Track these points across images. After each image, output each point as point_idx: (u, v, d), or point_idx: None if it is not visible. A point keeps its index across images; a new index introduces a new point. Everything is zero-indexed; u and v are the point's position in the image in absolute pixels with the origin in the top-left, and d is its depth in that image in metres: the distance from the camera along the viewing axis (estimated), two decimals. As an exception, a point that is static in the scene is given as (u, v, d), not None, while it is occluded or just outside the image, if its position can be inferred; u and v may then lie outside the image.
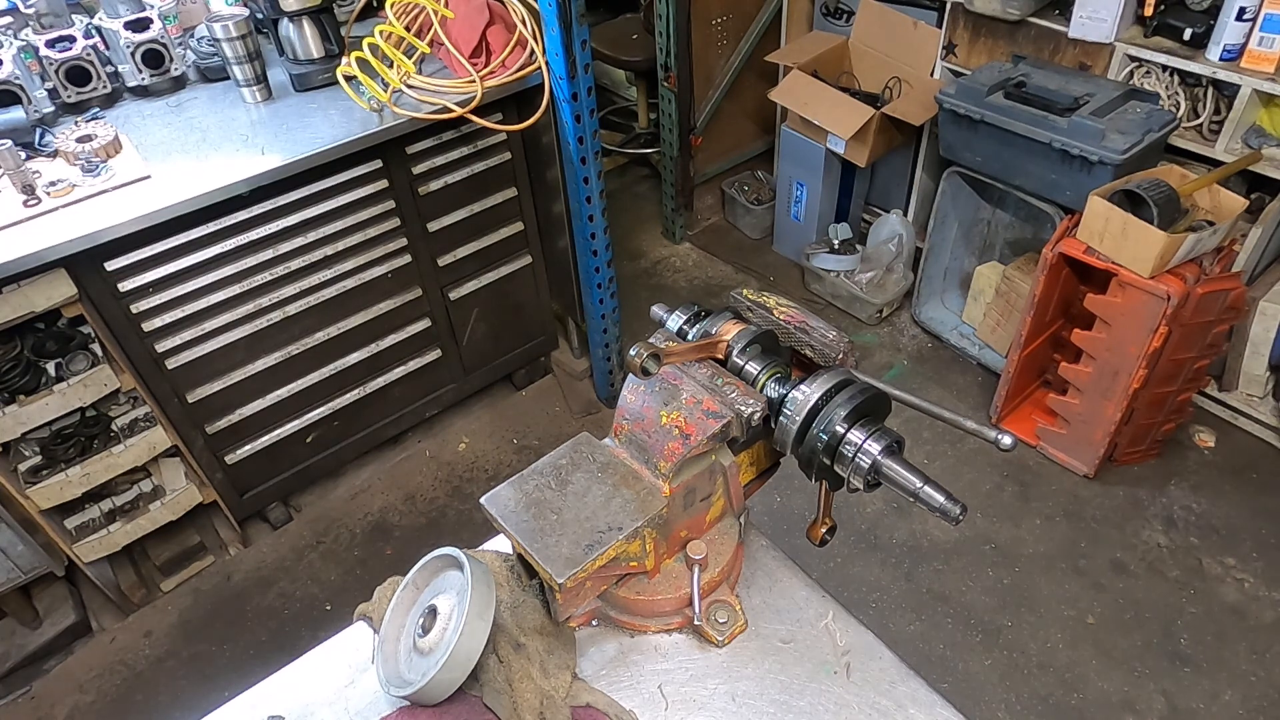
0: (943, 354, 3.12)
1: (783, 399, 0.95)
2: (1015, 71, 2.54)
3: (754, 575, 1.09)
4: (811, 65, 3.09)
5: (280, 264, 2.14)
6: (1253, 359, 2.62)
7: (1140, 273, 2.17)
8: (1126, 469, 2.65)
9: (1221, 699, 2.10)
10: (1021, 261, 2.83)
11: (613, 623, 1.04)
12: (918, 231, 3.24)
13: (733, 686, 0.97)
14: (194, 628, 2.34)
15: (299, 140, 2.03)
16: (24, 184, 1.84)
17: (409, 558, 1.01)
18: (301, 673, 1.02)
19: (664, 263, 3.67)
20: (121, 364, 2.01)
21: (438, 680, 0.87)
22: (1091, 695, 2.12)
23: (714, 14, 3.39)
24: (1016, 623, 2.28)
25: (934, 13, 2.91)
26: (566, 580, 0.86)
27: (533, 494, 0.94)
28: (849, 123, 2.88)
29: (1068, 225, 2.38)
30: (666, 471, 0.93)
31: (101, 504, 2.23)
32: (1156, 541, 2.46)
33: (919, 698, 0.96)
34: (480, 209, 2.46)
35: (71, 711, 2.19)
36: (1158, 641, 2.22)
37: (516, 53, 2.19)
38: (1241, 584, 2.34)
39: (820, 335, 1.01)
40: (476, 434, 2.90)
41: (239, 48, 2.13)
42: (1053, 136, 2.33)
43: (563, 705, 0.92)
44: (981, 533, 2.50)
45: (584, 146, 2.29)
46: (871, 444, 0.90)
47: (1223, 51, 2.26)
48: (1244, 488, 2.58)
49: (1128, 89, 2.40)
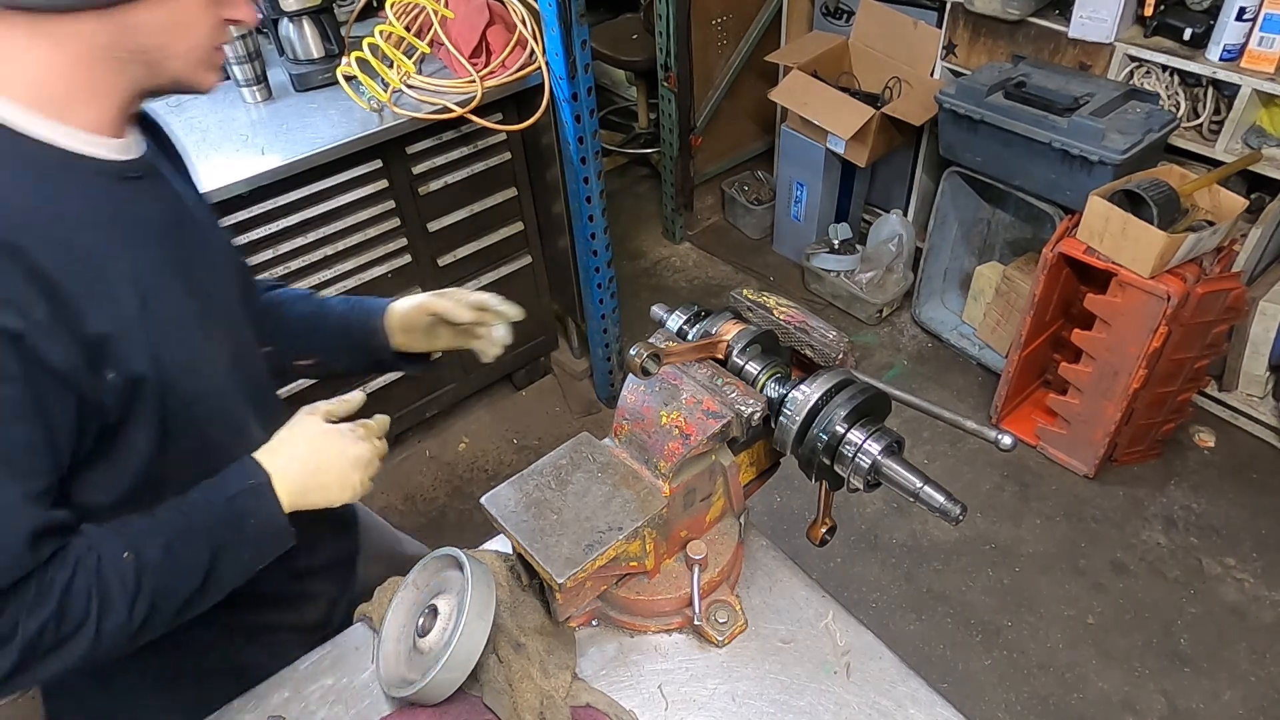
0: (943, 354, 3.12)
1: (783, 399, 0.95)
2: (1015, 71, 2.54)
3: (754, 575, 1.09)
4: (811, 65, 3.09)
5: (280, 264, 2.14)
6: (1253, 359, 2.62)
7: (1140, 273, 2.17)
8: (1126, 469, 2.65)
9: (1221, 699, 2.10)
10: (1021, 261, 2.83)
11: (613, 623, 1.04)
12: (918, 231, 3.24)
13: (733, 686, 0.97)
14: (194, 628, 2.33)
15: (299, 140, 2.03)
16: (24, 184, 1.84)
17: (409, 558, 1.01)
18: (301, 673, 1.02)
19: (664, 263, 3.67)
20: (121, 364, 2.01)
21: (438, 680, 0.87)
22: (1091, 695, 2.12)
23: (714, 14, 3.39)
24: (1016, 623, 2.28)
25: (934, 13, 2.91)
26: (566, 580, 0.86)
27: (533, 494, 0.94)
28: (849, 123, 2.88)
29: (1068, 225, 2.38)
30: (666, 471, 0.93)
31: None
32: (1156, 541, 2.46)
33: (919, 698, 0.96)
34: (480, 209, 2.46)
35: (71, 711, 2.18)
36: (1158, 641, 2.22)
37: (516, 53, 2.19)
38: (1241, 584, 2.34)
39: (820, 335, 1.01)
40: (476, 434, 2.90)
41: (238, 48, 2.13)
42: (1053, 136, 2.33)
43: (563, 705, 0.92)
44: (981, 533, 2.50)
45: (584, 146, 2.29)
46: (871, 444, 0.90)
47: (1223, 51, 2.26)
48: (1244, 488, 2.58)
49: (1128, 89, 2.40)
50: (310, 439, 0.95)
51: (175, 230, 0.90)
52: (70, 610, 0.75)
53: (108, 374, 0.78)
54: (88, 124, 0.80)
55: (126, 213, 0.83)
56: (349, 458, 0.95)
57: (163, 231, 0.87)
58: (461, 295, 1.09)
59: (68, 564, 0.76)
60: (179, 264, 0.88)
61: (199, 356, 0.90)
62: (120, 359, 0.78)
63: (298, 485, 0.91)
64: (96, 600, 0.76)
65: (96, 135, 0.81)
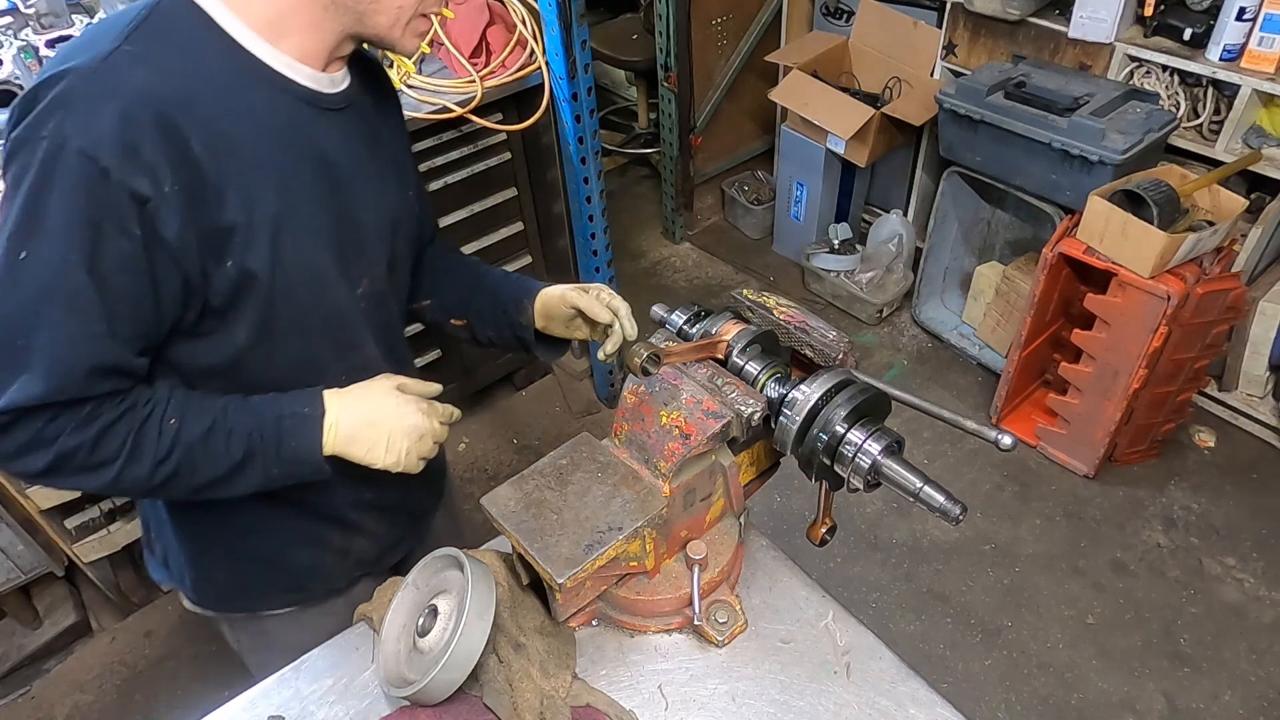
0: (943, 354, 3.12)
1: (783, 399, 0.95)
2: (1015, 71, 2.54)
3: (754, 575, 1.09)
4: (811, 65, 3.09)
5: (280, 264, 2.14)
6: (1253, 359, 2.62)
7: (1140, 273, 2.17)
8: (1126, 469, 2.65)
9: (1221, 699, 2.10)
10: (1021, 261, 2.83)
11: (613, 623, 1.04)
12: (918, 231, 3.24)
13: (733, 686, 0.97)
14: (194, 628, 2.33)
15: (299, 140, 2.03)
16: (24, 184, 1.84)
17: (409, 558, 1.02)
18: (301, 673, 1.02)
19: (664, 263, 3.67)
20: (121, 364, 2.01)
21: (438, 680, 0.87)
22: (1091, 695, 2.12)
23: (714, 14, 3.38)
24: (1016, 623, 2.28)
25: (934, 13, 2.91)
26: (566, 580, 0.86)
27: (533, 494, 0.94)
28: (849, 123, 2.88)
29: (1068, 225, 2.38)
30: (666, 471, 0.93)
31: (101, 504, 2.22)
32: (1156, 541, 2.46)
33: (919, 698, 0.96)
34: (480, 209, 2.46)
35: (71, 711, 2.19)
36: (1158, 641, 2.22)
37: (516, 53, 2.19)
38: (1241, 584, 2.34)
39: (820, 335, 1.01)
40: (477, 434, 2.90)
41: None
42: (1053, 136, 2.33)
43: (563, 705, 0.92)
44: (981, 533, 2.50)
45: (584, 146, 2.29)
46: (871, 444, 0.90)
47: (1223, 51, 2.26)
48: (1244, 488, 2.58)
49: (1128, 89, 2.40)
50: (375, 396, 0.99)
51: (345, 162, 0.97)
52: (103, 447, 0.85)
53: (226, 262, 0.86)
54: (295, 52, 0.90)
55: (298, 132, 0.92)
56: (403, 425, 0.98)
57: (329, 160, 0.95)
58: (605, 295, 1.11)
59: (119, 408, 0.86)
60: (334, 192, 0.96)
61: (325, 277, 0.97)
62: (241, 253, 0.87)
63: (346, 433, 0.96)
64: (129, 449, 0.86)
65: (300, 63, 0.91)
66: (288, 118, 0.90)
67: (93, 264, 0.79)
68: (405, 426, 0.98)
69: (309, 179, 0.92)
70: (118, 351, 0.84)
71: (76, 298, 0.80)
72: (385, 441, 0.97)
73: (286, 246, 0.90)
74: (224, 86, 0.85)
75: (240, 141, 0.85)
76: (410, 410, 0.99)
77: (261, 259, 0.88)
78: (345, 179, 0.97)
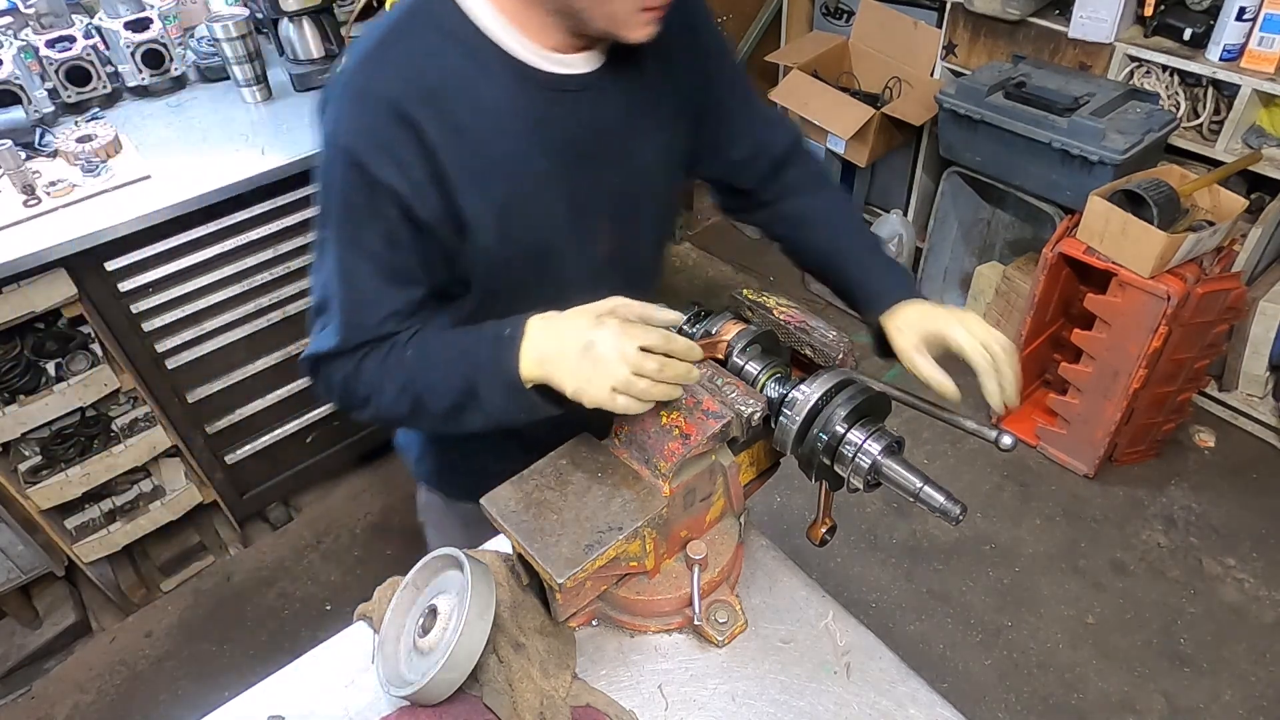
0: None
1: (783, 399, 0.95)
2: (1015, 71, 2.54)
3: (754, 575, 1.09)
4: (811, 65, 3.09)
5: (280, 264, 2.14)
6: (1253, 359, 2.62)
7: (1140, 273, 2.17)
8: (1126, 469, 2.65)
9: (1221, 699, 2.10)
10: (1021, 261, 2.83)
11: (613, 623, 1.04)
12: (918, 231, 3.24)
13: (733, 686, 0.97)
14: (194, 628, 2.34)
15: (299, 140, 2.03)
16: (24, 184, 1.84)
17: (409, 558, 1.01)
18: (301, 673, 1.02)
19: (664, 263, 3.67)
20: (121, 364, 2.01)
21: (438, 680, 0.87)
22: (1091, 695, 2.12)
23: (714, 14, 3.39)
24: (1016, 623, 2.28)
25: (934, 13, 2.91)
26: (566, 580, 0.86)
27: (533, 494, 0.94)
28: (849, 123, 2.88)
29: (1068, 225, 2.38)
30: (666, 471, 0.93)
31: (101, 504, 2.23)
32: (1156, 541, 2.46)
33: (919, 698, 0.96)
34: (481, 209, 2.46)
35: (71, 711, 2.19)
36: (1158, 641, 2.22)
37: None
38: (1241, 584, 2.34)
39: (820, 335, 1.01)
40: (476, 434, 2.89)
41: (239, 48, 2.13)
42: (1053, 136, 2.33)
43: (563, 705, 0.92)
44: (981, 533, 2.50)
45: (584, 146, 2.29)
46: (871, 444, 0.90)
47: (1223, 51, 2.26)
48: (1244, 488, 2.58)
49: (1128, 89, 2.40)
50: (576, 317, 0.90)
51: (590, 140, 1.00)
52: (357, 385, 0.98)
53: (466, 242, 0.96)
54: (539, 40, 0.93)
55: (536, 116, 0.95)
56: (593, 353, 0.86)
57: (567, 140, 0.98)
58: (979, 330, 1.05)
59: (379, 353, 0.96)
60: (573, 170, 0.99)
61: (554, 252, 1.03)
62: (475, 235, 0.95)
63: (538, 353, 0.89)
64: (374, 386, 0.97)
65: (543, 49, 0.94)
66: (524, 104, 0.94)
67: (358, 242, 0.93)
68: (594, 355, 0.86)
69: (542, 165, 0.97)
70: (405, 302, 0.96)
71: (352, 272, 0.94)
72: (570, 368, 0.87)
73: (514, 228, 0.97)
74: (464, 81, 0.91)
75: (474, 132, 0.91)
76: (602, 335, 0.86)
77: (489, 238, 0.96)
78: (587, 155, 1.00)
